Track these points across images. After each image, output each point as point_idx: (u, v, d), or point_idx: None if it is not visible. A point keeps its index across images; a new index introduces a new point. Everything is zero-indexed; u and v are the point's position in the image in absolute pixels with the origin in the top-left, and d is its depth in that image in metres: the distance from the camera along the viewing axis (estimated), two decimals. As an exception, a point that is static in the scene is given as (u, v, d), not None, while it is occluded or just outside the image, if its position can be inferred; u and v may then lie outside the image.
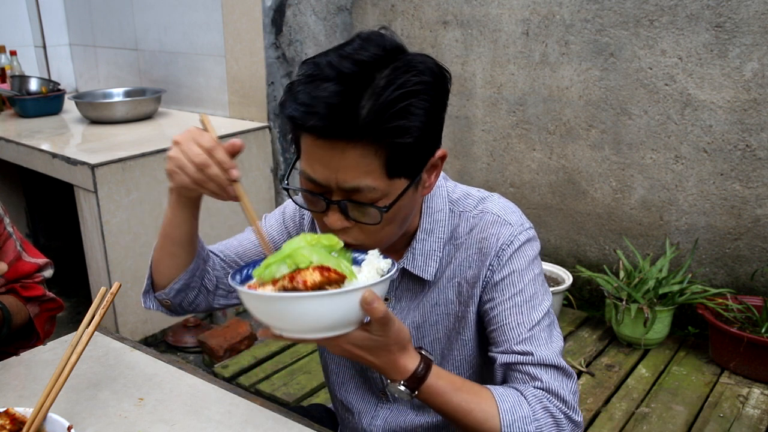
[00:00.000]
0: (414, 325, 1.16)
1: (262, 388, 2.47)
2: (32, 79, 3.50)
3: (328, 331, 0.89)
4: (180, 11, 3.34)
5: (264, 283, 0.89)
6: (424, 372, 0.98)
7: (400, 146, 0.92)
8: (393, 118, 0.90)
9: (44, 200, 3.89)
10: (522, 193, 3.11)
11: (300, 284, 0.85)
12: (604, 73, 2.75)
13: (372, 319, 0.90)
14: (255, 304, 0.89)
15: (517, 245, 1.08)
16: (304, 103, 0.90)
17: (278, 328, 0.90)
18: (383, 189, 0.95)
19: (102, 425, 1.06)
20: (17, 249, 1.47)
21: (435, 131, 0.98)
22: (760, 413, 2.23)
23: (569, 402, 1.03)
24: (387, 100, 0.89)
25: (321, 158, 0.93)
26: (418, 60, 0.94)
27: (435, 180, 1.05)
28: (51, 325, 1.55)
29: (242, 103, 3.25)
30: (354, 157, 0.91)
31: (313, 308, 0.85)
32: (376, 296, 0.87)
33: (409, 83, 0.91)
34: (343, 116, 0.89)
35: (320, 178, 0.95)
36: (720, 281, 2.71)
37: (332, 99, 0.89)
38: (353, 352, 0.94)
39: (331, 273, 0.86)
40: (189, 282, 1.17)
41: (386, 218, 0.97)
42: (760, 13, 2.38)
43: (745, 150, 2.52)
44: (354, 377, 1.26)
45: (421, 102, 0.92)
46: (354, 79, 0.90)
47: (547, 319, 1.08)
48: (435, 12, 3.14)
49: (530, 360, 1.04)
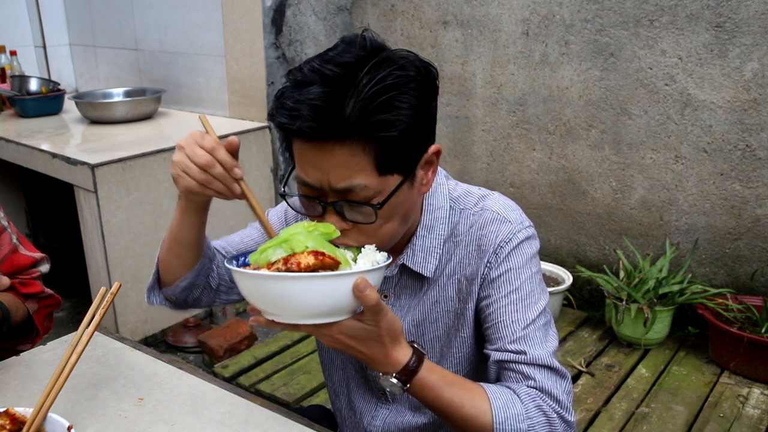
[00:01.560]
0: (414, 323, 1.16)
1: (262, 388, 2.47)
2: (32, 79, 3.50)
3: (320, 317, 0.89)
4: (180, 11, 3.34)
5: (259, 266, 0.89)
6: (416, 365, 0.98)
7: (387, 141, 0.93)
8: (375, 112, 0.90)
9: (44, 200, 3.89)
10: (522, 193, 3.11)
11: (294, 266, 0.85)
12: (604, 73, 2.75)
13: (364, 307, 0.90)
14: (247, 283, 0.89)
15: (516, 243, 1.08)
16: (290, 108, 0.92)
17: (270, 312, 0.90)
18: (376, 186, 0.95)
19: (102, 425, 1.06)
20: (13, 242, 1.47)
21: (424, 126, 0.98)
22: (760, 413, 2.23)
23: (562, 402, 1.02)
24: (368, 95, 0.90)
25: (312, 161, 0.94)
26: (398, 56, 0.95)
27: (432, 177, 1.05)
28: (49, 321, 1.55)
29: (242, 103, 3.25)
30: (343, 156, 0.92)
31: (305, 289, 0.85)
32: (369, 284, 0.87)
33: (390, 77, 0.92)
34: (329, 116, 0.90)
35: (313, 181, 0.96)
36: (720, 281, 2.71)
37: (317, 101, 0.90)
38: (345, 342, 0.94)
39: (325, 257, 0.87)
40: (195, 280, 1.18)
41: (382, 216, 0.97)
42: (760, 13, 2.38)
43: (745, 150, 2.52)
44: (355, 377, 1.26)
45: (404, 96, 0.92)
46: (337, 81, 0.91)
47: (542, 318, 1.08)
48: (435, 12, 3.14)
49: (523, 359, 1.04)
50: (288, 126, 0.92)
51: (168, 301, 1.23)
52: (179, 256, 1.15)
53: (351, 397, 1.28)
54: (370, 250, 0.96)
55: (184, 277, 1.17)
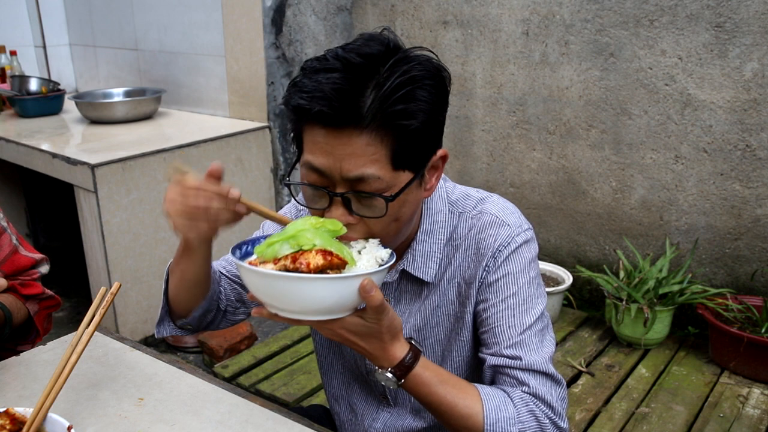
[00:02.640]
0: (416, 328, 1.16)
1: (262, 388, 2.47)
2: (32, 79, 3.50)
3: (324, 314, 0.90)
4: (180, 11, 3.34)
5: (265, 261, 0.89)
6: (412, 361, 0.99)
7: (405, 132, 0.93)
8: (397, 102, 0.91)
9: (44, 200, 3.89)
10: (522, 193, 3.11)
11: (303, 266, 0.86)
12: (604, 73, 2.75)
13: (368, 306, 0.90)
14: (255, 280, 0.89)
15: (514, 247, 1.08)
16: (310, 90, 0.91)
17: (275, 307, 0.90)
18: (388, 180, 0.94)
19: (102, 425, 1.06)
20: (13, 243, 1.47)
21: (437, 125, 0.99)
22: (760, 413, 2.23)
23: (556, 408, 1.03)
24: (391, 87, 0.90)
25: (326, 148, 0.93)
26: (418, 54, 0.97)
27: (436, 182, 1.05)
28: (49, 322, 1.55)
29: (242, 103, 3.25)
30: (360, 145, 0.91)
31: (314, 290, 0.86)
32: (375, 285, 0.88)
33: (411, 71, 0.92)
34: (349, 102, 0.90)
35: (324, 168, 0.94)
36: (720, 281, 2.71)
37: (340, 83, 0.90)
38: (345, 336, 0.95)
39: (333, 257, 0.87)
40: (208, 307, 1.19)
41: (391, 212, 0.96)
42: (760, 13, 2.38)
43: (745, 150, 2.52)
44: (356, 381, 1.26)
45: (423, 90, 0.93)
46: (359, 69, 0.91)
47: (539, 324, 1.08)
48: (435, 12, 3.14)
49: (519, 365, 1.05)
50: (305, 107, 0.91)
51: (181, 329, 1.23)
52: (189, 291, 1.15)
53: (352, 400, 1.28)
54: (373, 245, 0.96)
55: (199, 306, 1.17)
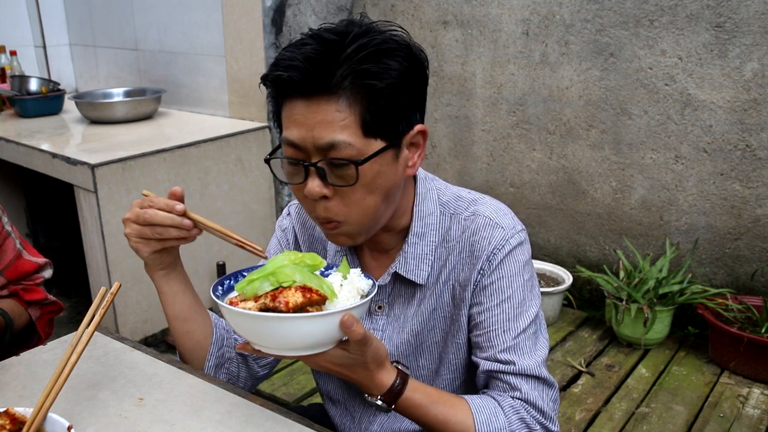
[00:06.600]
0: (413, 333, 1.16)
1: (262, 388, 2.47)
2: (32, 79, 3.50)
3: (308, 349, 0.92)
4: (180, 11, 3.34)
5: (246, 298, 0.90)
6: (401, 387, 1.01)
7: (373, 97, 0.94)
8: (364, 62, 0.94)
9: (44, 200, 3.88)
10: (522, 193, 3.11)
11: (282, 305, 0.86)
12: (604, 73, 2.75)
13: (350, 340, 0.92)
14: (237, 320, 0.91)
15: (509, 249, 1.08)
16: (285, 62, 0.95)
17: (258, 344, 0.93)
18: (359, 147, 0.96)
19: (102, 425, 1.06)
20: (17, 247, 1.47)
21: (411, 97, 1.00)
22: (760, 413, 2.23)
23: (546, 412, 1.05)
24: (360, 56, 0.94)
25: (299, 119, 0.96)
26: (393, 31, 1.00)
27: (419, 161, 1.06)
28: (50, 327, 1.55)
29: (242, 103, 3.25)
30: (329, 112, 0.94)
31: (294, 329, 0.87)
32: (356, 319, 0.89)
33: (384, 44, 0.96)
34: (320, 68, 0.93)
35: (297, 139, 0.97)
36: (720, 281, 2.71)
37: (311, 54, 0.94)
38: (331, 368, 0.97)
39: (312, 294, 0.88)
40: (222, 354, 1.20)
41: (363, 183, 0.97)
42: (760, 13, 2.38)
43: (745, 150, 2.52)
44: (352, 384, 1.26)
45: (393, 59, 0.96)
46: (333, 44, 0.95)
47: (533, 327, 1.09)
48: (435, 12, 3.14)
49: (512, 369, 1.06)
50: (280, 76, 0.95)
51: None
52: (187, 334, 1.17)
53: (348, 402, 1.28)
54: (355, 275, 0.96)
55: (209, 355, 1.19)
